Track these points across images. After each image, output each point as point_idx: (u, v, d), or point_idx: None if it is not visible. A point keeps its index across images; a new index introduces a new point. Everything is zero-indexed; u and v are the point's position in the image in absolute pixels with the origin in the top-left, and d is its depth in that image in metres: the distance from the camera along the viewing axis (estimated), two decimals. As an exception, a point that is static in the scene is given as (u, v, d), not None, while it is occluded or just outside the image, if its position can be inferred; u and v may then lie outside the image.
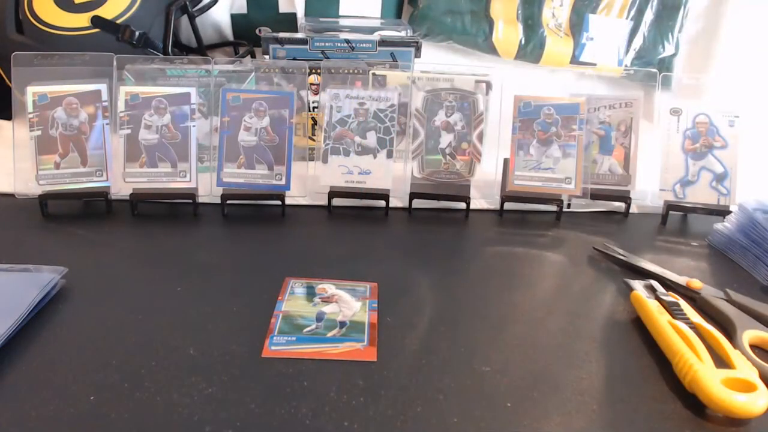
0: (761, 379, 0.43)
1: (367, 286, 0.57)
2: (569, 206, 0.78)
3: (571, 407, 0.43)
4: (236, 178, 0.73)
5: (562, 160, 0.74)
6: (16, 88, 0.73)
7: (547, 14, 1.04)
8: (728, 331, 0.51)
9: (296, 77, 0.80)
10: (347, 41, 0.88)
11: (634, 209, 0.78)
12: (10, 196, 0.73)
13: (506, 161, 0.76)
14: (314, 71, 0.83)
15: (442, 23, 1.03)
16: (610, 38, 1.05)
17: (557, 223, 0.75)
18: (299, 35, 0.91)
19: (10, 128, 0.75)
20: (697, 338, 0.47)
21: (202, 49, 1.02)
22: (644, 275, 0.61)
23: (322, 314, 0.52)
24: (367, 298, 0.55)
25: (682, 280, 0.60)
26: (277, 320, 0.51)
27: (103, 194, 0.72)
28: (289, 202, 0.74)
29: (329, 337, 0.49)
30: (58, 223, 0.70)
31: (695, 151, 0.76)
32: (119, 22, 0.88)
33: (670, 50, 1.06)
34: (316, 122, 0.83)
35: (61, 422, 0.40)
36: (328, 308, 0.53)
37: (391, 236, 0.72)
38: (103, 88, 0.72)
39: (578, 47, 1.05)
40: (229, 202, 0.73)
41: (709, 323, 0.50)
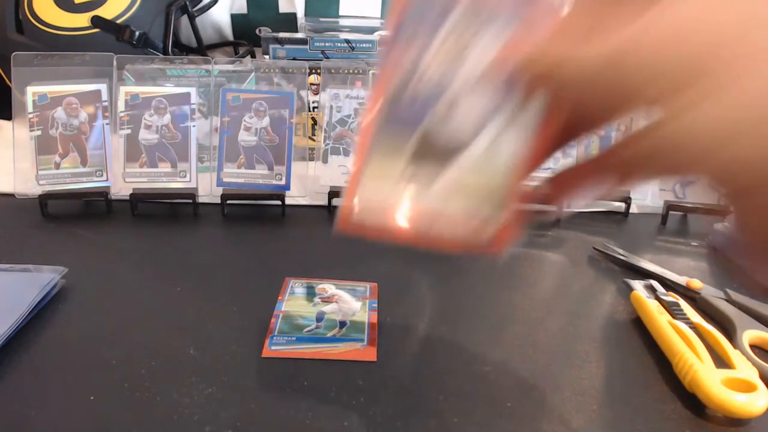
0: (761, 379, 0.43)
1: (367, 286, 0.57)
2: (569, 206, 0.78)
3: (571, 407, 0.43)
4: (236, 178, 0.73)
5: (562, 160, 0.74)
6: (16, 88, 0.73)
7: (547, 14, 1.04)
8: (728, 331, 0.51)
9: (296, 77, 0.80)
10: (347, 41, 0.88)
11: (634, 209, 0.78)
12: (10, 196, 0.74)
13: (506, 161, 0.76)
14: (314, 71, 0.83)
15: (442, 23, 1.03)
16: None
17: (557, 223, 0.75)
18: (299, 35, 0.92)
19: (10, 128, 0.75)
20: (697, 338, 0.47)
21: (202, 49, 1.02)
22: (644, 275, 0.61)
23: (322, 314, 0.52)
24: (367, 298, 0.55)
25: (682, 280, 0.60)
26: (277, 320, 0.51)
27: (103, 194, 0.72)
28: (289, 202, 0.74)
29: (329, 337, 0.49)
30: (58, 223, 0.70)
31: (695, 151, 0.76)
32: (119, 22, 0.88)
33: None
34: (316, 122, 0.83)
35: (61, 422, 0.40)
36: (328, 308, 0.53)
37: (391, 236, 0.72)
38: (103, 88, 0.72)
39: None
40: (229, 202, 0.73)
41: (709, 323, 0.50)
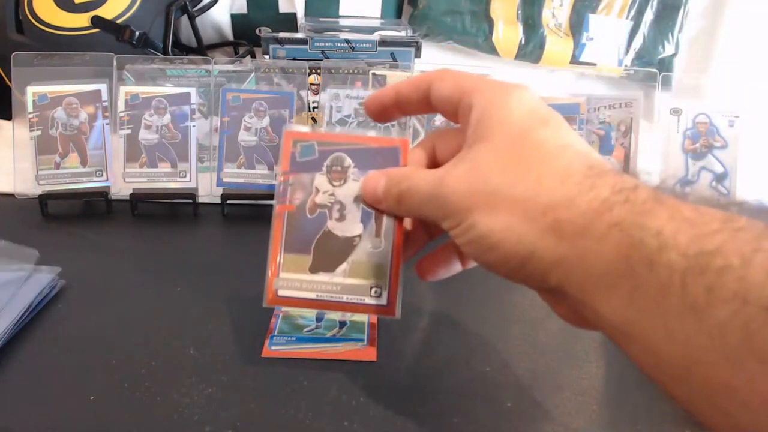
0: (761, 379, 0.43)
1: (367, 286, 0.57)
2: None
3: (571, 407, 0.43)
4: (236, 178, 0.73)
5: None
6: (16, 88, 0.73)
7: (547, 14, 1.04)
8: (728, 331, 0.51)
9: (296, 77, 0.80)
10: (347, 41, 0.88)
11: (634, 209, 0.78)
12: (10, 196, 0.73)
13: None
14: (314, 71, 0.83)
15: (442, 23, 1.03)
16: (610, 38, 1.05)
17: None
18: (299, 35, 0.91)
19: (10, 128, 0.75)
20: (697, 338, 0.47)
21: (202, 49, 1.02)
22: (644, 275, 0.61)
23: (322, 314, 0.52)
24: (367, 298, 0.55)
25: (682, 280, 0.59)
26: (277, 320, 0.51)
27: (103, 194, 0.72)
28: (289, 202, 0.74)
29: (329, 337, 0.49)
30: (58, 223, 0.70)
31: (695, 151, 0.76)
32: (119, 22, 0.88)
33: (670, 50, 1.06)
34: (316, 122, 0.83)
35: (61, 423, 0.40)
36: (328, 308, 0.53)
37: (391, 236, 0.72)
38: (103, 88, 0.72)
39: (578, 47, 1.05)
40: (229, 202, 0.73)
41: (709, 323, 0.50)
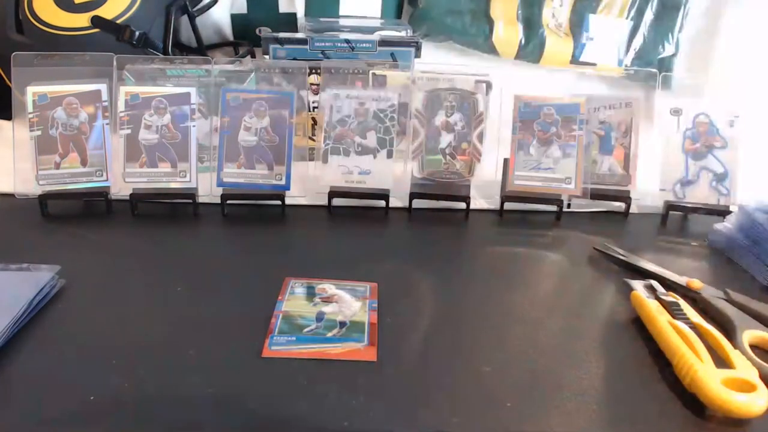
0: (761, 379, 0.43)
1: (367, 286, 0.57)
2: (569, 206, 0.78)
3: (571, 407, 0.43)
4: (236, 178, 0.73)
5: (562, 160, 0.74)
6: (16, 88, 0.73)
7: (547, 14, 1.04)
8: (728, 331, 0.51)
9: (296, 77, 0.80)
10: (347, 41, 0.88)
11: (634, 209, 0.78)
12: (10, 196, 0.73)
13: (506, 161, 0.76)
14: (314, 71, 0.83)
15: (442, 23, 1.03)
16: (610, 38, 1.05)
17: (557, 223, 0.75)
18: (299, 35, 0.91)
19: (10, 128, 0.74)
20: (697, 338, 0.47)
21: (202, 49, 1.02)
22: (644, 275, 0.61)
23: (322, 314, 0.52)
24: (367, 298, 0.55)
25: (682, 280, 0.60)
26: (277, 320, 0.51)
27: (103, 194, 0.72)
28: (289, 202, 0.74)
29: (329, 337, 0.49)
30: (57, 223, 0.70)
31: (695, 151, 0.76)
32: (119, 22, 0.88)
33: (670, 50, 1.06)
34: (316, 122, 0.83)
35: (61, 422, 0.40)
36: (328, 308, 0.53)
37: (391, 236, 0.72)
38: (103, 88, 0.72)
39: (578, 47, 1.05)
40: (229, 202, 0.73)
41: (709, 323, 0.50)
